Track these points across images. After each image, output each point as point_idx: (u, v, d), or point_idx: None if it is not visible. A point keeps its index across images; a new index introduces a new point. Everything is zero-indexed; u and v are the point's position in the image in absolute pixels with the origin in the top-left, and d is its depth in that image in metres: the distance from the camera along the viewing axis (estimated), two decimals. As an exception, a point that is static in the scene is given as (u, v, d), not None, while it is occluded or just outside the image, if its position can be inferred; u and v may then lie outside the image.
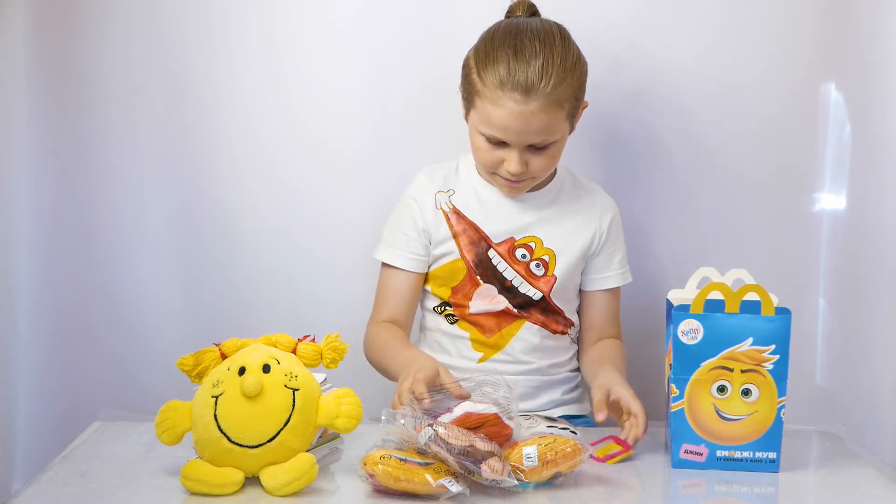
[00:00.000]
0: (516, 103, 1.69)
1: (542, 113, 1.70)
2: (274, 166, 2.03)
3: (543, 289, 1.82)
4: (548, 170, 1.78)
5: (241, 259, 2.04)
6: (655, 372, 1.76)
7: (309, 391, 1.45)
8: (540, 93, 1.68)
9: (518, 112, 1.69)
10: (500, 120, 1.70)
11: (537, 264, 1.81)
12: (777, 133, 2.01)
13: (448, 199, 1.83)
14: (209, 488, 1.41)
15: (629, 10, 1.98)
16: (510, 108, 1.69)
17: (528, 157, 1.74)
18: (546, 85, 1.68)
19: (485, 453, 1.41)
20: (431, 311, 1.86)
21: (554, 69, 1.70)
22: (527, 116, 1.69)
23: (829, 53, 1.98)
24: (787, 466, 1.56)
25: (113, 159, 2.01)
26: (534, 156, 1.74)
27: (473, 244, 1.81)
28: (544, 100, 1.69)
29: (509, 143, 1.73)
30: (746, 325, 1.53)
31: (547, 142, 1.74)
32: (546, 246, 1.82)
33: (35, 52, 1.95)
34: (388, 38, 2.00)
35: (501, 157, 1.74)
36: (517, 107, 1.69)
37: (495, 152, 1.74)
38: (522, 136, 1.71)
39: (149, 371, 2.02)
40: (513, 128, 1.70)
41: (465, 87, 1.78)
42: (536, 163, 1.75)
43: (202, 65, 2.00)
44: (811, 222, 2.02)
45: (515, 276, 1.81)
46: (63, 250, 2.01)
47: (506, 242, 1.81)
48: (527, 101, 1.69)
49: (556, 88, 1.69)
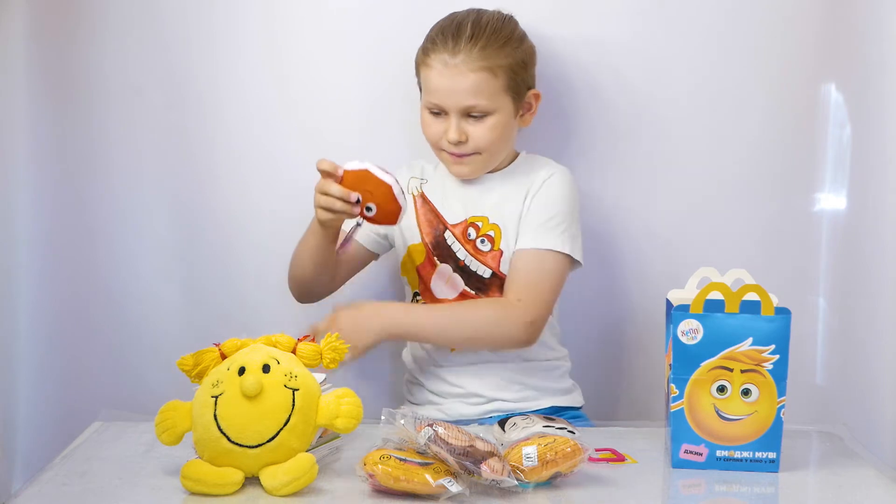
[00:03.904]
0: (445, 61, 1.78)
1: (471, 73, 1.76)
2: (274, 166, 2.03)
3: (491, 264, 1.83)
4: (490, 144, 1.81)
5: (241, 259, 2.05)
6: (655, 372, 1.76)
7: (309, 391, 1.45)
8: (467, 49, 1.77)
9: (446, 68, 1.77)
10: (433, 80, 1.79)
11: (482, 240, 1.84)
12: (777, 133, 2.01)
13: (419, 185, 1.89)
14: (209, 488, 1.41)
15: (630, 10, 1.98)
16: (440, 66, 1.78)
17: (465, 127, 1.79)
18: (474, 45, 1.77)
19: (485, 453, 1.41)
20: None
21: (485, 34, 1.78)
22: (454, 74, 1.77)
23: (829, 53, 1.98)
24: (787, 466, 1.56)
25: (113, 159, 2.02)
26: (471, 126, 1.79)
27: (433, 227, 1.87)
28: (472, 58, 1.76)
29: (446, 110, 1.79)
30: (746, 325, 1.53)
31: (482, 109, 1.78)
32: (492, 222, 1.85)
33: (35, 53, 1.95)
34: (389, 38, 2.00)
35: (443, 129, 1.80)
36: (447, 61, 1.77)
37: (437, 124, 1.81)
38: (455, 97, 1.78)
39: (149, 371, 2.03)
40: (444, 86, 1.78)
41: (417, 75, 1.86)
42: (474, 132, 1.80)
43: (202, 65, 2.01)
44: (811, 222, 2.02)
45: (466, 255, 1.84)
46: (63, 250, 2.02)
47: (461, 224, 1.86)
48: (454, 56, 1.77)
49: (485, 50, 1.77)
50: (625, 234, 1.93)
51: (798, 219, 2.03)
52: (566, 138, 2.00)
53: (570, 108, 2.00)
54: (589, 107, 1.95)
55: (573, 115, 2.00)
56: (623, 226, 1.95)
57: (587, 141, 2.00)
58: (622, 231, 2.01)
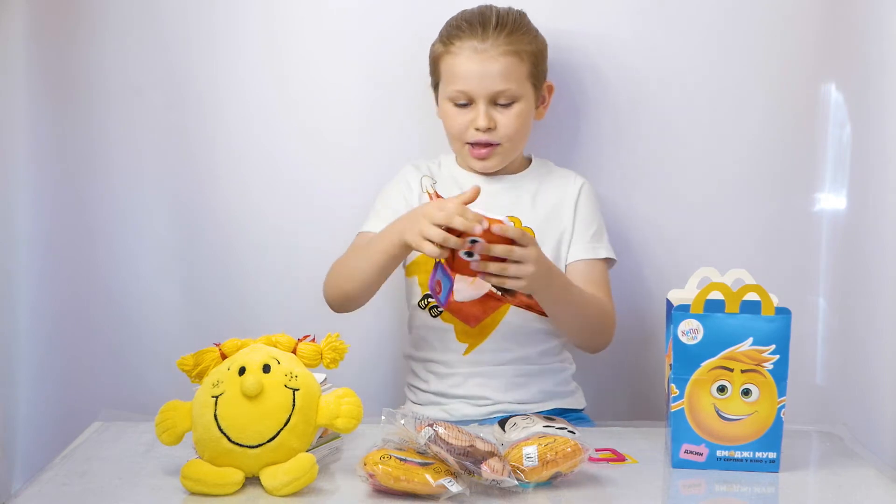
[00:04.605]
0: (474, 47, 1.79)
1: (501, 57, 1.79)
2: (274, 165, 2.03)
3: None
4: (515, 132, 1.81)
5: (241, 259, 2.04)
6: (655, 372, 1.77)
7: (309, 391, 1.45)
8: (494, 35, 1.78)
9: (476, 53, 1.78)
10: (462, 67, 1.79)
11: None
12: (777, 133, 2.01)
13: (431, 184, 1.87)
14: (209, 488, 1.41)
15: (630, 10, 1.98)
16: (469, 52, 1.79)
17: (493, 114, 1.80)
18: (500, 31, 1.79)
19: (485, 453, 1.41)
20: (416, 307, 1.87)
21: (510, 20, 1.81)
22: (484, 59, 1.78)
23: (829, 53, 1.98)
24: (787, 466, 1.55)
25: (113, 159, 2.02)
26: (499, 114, 1.80)
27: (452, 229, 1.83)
28: (500, 43, 1.78)
29: (474, 98, 1.79)
30: (746, 325, 1.53)
31: (510, 94, 1.79)
32: (525, 225, 1.83)
33: (35, 53, 1.95)
34: (389, 38, 2.00)
35: (469, 119, 1.80)
36: (476, 47, 1.79)
37: (463, 115, 1.81)
38: (485, 81, 1.78)
39: (149, 371, 2.03)
40: (473, 72, 1.79)
41: (431, 68, 1.86)
42: (502, 121, 1.80)
43: (202, 65, 2.01)
44: (811, 222, 2.02)
45: None
46: (63, 250, 2.01)
47: None
48: (483, 42, 1.79)
49: (511, 36, 1.79)
50: (625, 234, 1.93)
51: (798, 219, 2.03)
52: (565, 138, 2.00)
53: (569, 109, 2.00)
54: (588, 107, 1.95)
55: (572, 116, 2.00)
56: (623, 226, 1.94)
57: (586, 141, 2.00)
58: (622, 231, 2.00)
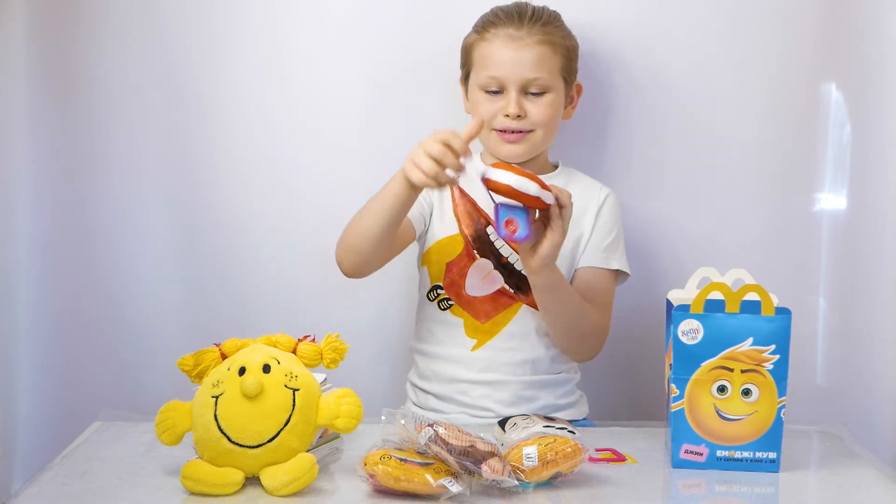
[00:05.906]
0: (510, 34, 1.79)
1: (536, 45, 1.79)
2: (274, 165, 2.03)
3: None
4: (545, 122, 1.81)
5: (241, 259, 2.04)
6: (655, 372, 1.76)
7: (309, 391, 1.45)
8: (530, 24, 1.80)
9: (511, 40, 1.79)
10: (496, 53, 1.80)
11: None
12: (777, 133, 2.01)
13: None
14: (209, 488, 1.41)
15: (630, 10, 1.98)
16: (504, 39, 1.79)
17: (524, 103, 1.80)
18: (536, 21, 1.81)
19: (485, 453, 1.41)
20: (424, 298, 1.86)
21: (545, 13, 1.83)
22: (519, 46, 1.79)
23: (829, 53, 1.98)
24: (787, 466, 1.56)
25: (113, 159, 2.02)
26: (530, 103, 1.80)
27: (473, 220, 1.83)
28: (535, 31, 1.79)
29: (505, 85, 1.79)
30: (746, 325, 1.53)
31: (541, 84, 1.80)
32: None
33: (35, 53, 1.95)
34: (389, 38, 1.99)
35: (499, 106, 1.80)
36: (512, 34, 1.79)
37: (493, 102, 1.81)
38: (518, 68, 1.79)
39: (149, 371, 2.03)
40: (507, 58, 1.79)
41: (463, 59, 1.87)
42: (532, 108, 1.80)
43: (202, 65, 2.01)
44: (811, 222, 2.02)
45: (511, 253, 1.81)
46: (63, 250, 2.01)
47: None
48: (518, 30, 1.80)
49: (547, 27, 1.81)
50: (625, 234, 1.92)
51: (798, 218, 2.02)
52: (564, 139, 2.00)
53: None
54: (586, 107, 1.95)
55: (571, 116, 2.00)
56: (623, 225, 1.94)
57: (585, 141, 2.00)
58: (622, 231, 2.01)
